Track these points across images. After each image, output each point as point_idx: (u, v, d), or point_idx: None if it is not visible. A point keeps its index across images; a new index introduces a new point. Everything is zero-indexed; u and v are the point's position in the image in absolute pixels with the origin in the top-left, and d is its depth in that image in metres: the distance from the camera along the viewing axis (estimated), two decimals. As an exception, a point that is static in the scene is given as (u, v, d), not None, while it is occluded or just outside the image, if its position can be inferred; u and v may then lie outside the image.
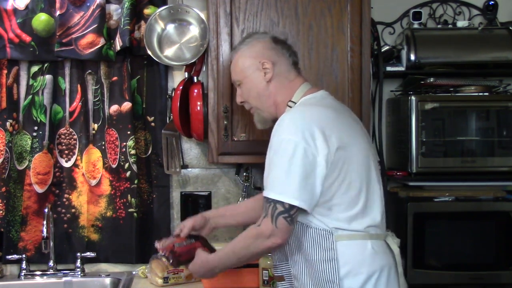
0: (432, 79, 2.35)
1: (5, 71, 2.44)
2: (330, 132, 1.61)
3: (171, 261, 1.85)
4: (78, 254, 2.44)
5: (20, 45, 2.40)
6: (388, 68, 2.44)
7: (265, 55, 1.78)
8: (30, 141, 2.45)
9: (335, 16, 2.13)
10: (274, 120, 1.76)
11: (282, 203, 1.57)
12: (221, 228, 1.99)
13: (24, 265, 2.42)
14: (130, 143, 2.45)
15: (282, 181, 1.58)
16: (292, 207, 1.57)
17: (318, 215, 1.62)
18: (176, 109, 2.25)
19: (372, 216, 1.67)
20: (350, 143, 1.65)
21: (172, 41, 2.38)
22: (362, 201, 1.64)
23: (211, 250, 1.88)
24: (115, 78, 2.47)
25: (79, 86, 2.47)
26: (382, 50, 2.45)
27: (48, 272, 2.43)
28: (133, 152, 2.45)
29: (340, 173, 1.61)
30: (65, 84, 2.48)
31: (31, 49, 2.41)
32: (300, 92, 1.77)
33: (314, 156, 1.58)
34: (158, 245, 1.90)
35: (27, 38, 2.40)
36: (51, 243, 2.42)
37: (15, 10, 2.40)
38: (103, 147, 2.48)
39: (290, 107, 1.74)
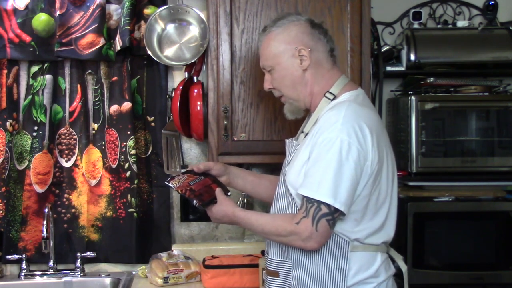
0: (432, 79, 2.35)
1: (5, 71, 2.44)
2: (377, 139, 1.55)
3: (194, 202, 1.69)
4: (78, 254, 2.44)
5: (20, 45, 2.40)
6: (388, 68, 2.44)
7: (302, 41, 1.64)
8: (30, 141, 2.45)
9: (335, 16, 2.13)
10: (307, 110, 1.70)
11: (327, 205, 1.48)
12: (233, 187, 1.88)
13: (24, 265, 2.42)
14: (130, 143, 2.45)
15: (331, 182, 1.48)
16: (336, 210, 1.49)
17: (342, 224, 1.56)
18: (176, 109, 2.25)
19: (388, 232, 1.65)
20: (385, 153, 1.60)
21: (172, 41, 2.37)
22: (384, 216, 1.62)
23: (220, 186, 1.79)
24: (115, 78, 2.47)
25: (79, 86, 2.47)
26: (382, 50, 2.46)
27: (48, 272, 2.43)
28: (133, 152, 2.45)
29: (375, 184, 1.56)
30: (65, 84, 2.48)
31: (31, 49, 2.41)
32: (339, 85, 1.66)
33: (365, 160, 1.52)
34: (173, 184, 1.74)
35: (27, 38, 2.40)
36: (51, 243, 2.42)
37: (15, 10, 2.40)
38: (103, 147, 2.48)
39: (329, 99, 1.64)
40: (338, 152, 1.49)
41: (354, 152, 1.50)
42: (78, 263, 2.43)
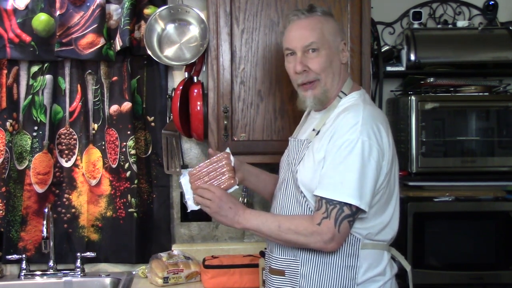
0: (432, 79, 2.35)
1: (5, 71, 2.44)
2: (391, 139, 1.60)
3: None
4: (78, 254, 2.44)
5: (20, 45, 2.40)
6: (388, 68, 2.44)
7: (344, 36, 1.74)
8: (30, 141, 2.45)
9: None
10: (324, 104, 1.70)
11: (350, 206, 1.50)
12: (246, 185, 1.88)
13: (24, 265, 2.42)
14: (130, 143, 2.45)
15: (356, 183, 1.50)
16: (358, 210, 1.51)
17: (356, 222, 1.56)
18: (176, 109, 2.25)
19: (393, 227, 1.66)
20: (395, 151, 1.64)
21: (172, 41, 2.37)
22: (392, 211, 1.63)
23: None
24: (115, 78, 2.47)
25: (79, 86, 2.47)
26: (382, 50, 2.46)
27: (48, 272, 2.43)
28: (133, 152, 2.45)
29: (388, 181, 1.59)
30: (65, 84, 2.48)
31: (31, 49, 2.41)
32: (348, 85, 1.71)
33: (383, 160, 1.55)
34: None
35: (27, 38, 2.40)
36: (51, 243, 2.42)
37: (15, 10, 2.40)
38: (103, 147, 2.48)
39: (340, 98, 1.68)
40: (360, 153, 1.51)
41: (375, 152, 1.53)
42: (78, 263, 2.43)
